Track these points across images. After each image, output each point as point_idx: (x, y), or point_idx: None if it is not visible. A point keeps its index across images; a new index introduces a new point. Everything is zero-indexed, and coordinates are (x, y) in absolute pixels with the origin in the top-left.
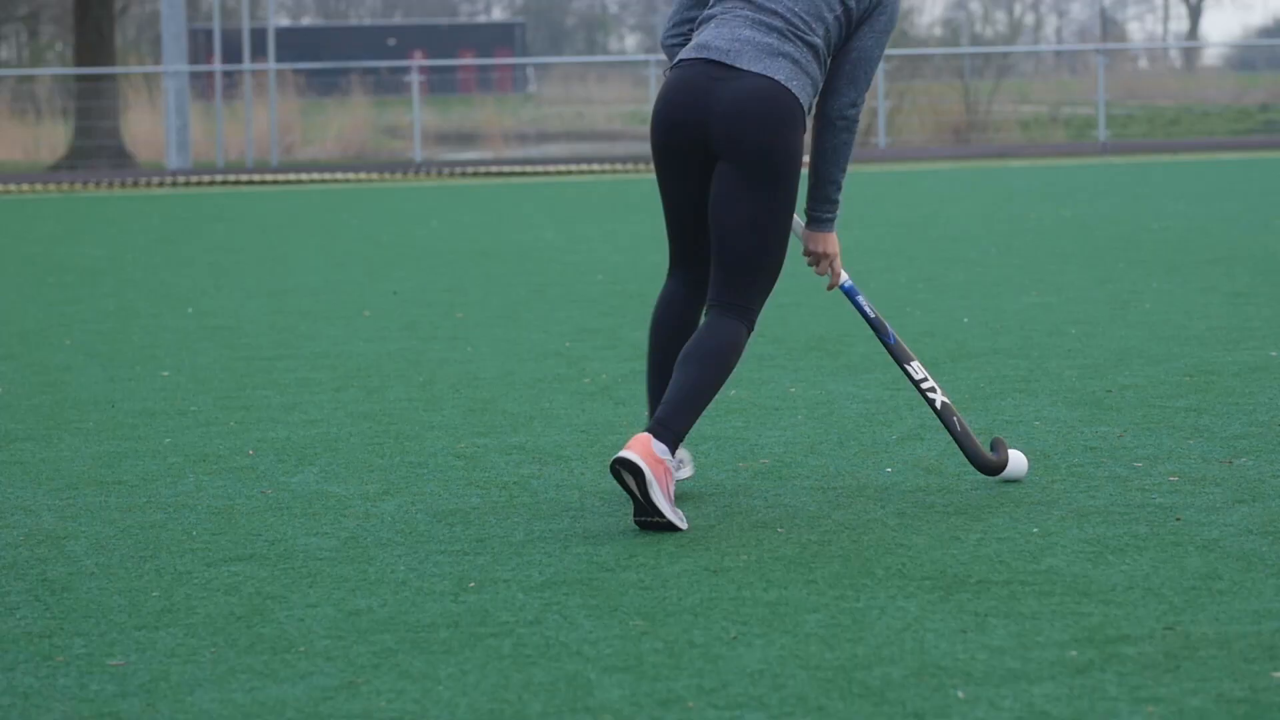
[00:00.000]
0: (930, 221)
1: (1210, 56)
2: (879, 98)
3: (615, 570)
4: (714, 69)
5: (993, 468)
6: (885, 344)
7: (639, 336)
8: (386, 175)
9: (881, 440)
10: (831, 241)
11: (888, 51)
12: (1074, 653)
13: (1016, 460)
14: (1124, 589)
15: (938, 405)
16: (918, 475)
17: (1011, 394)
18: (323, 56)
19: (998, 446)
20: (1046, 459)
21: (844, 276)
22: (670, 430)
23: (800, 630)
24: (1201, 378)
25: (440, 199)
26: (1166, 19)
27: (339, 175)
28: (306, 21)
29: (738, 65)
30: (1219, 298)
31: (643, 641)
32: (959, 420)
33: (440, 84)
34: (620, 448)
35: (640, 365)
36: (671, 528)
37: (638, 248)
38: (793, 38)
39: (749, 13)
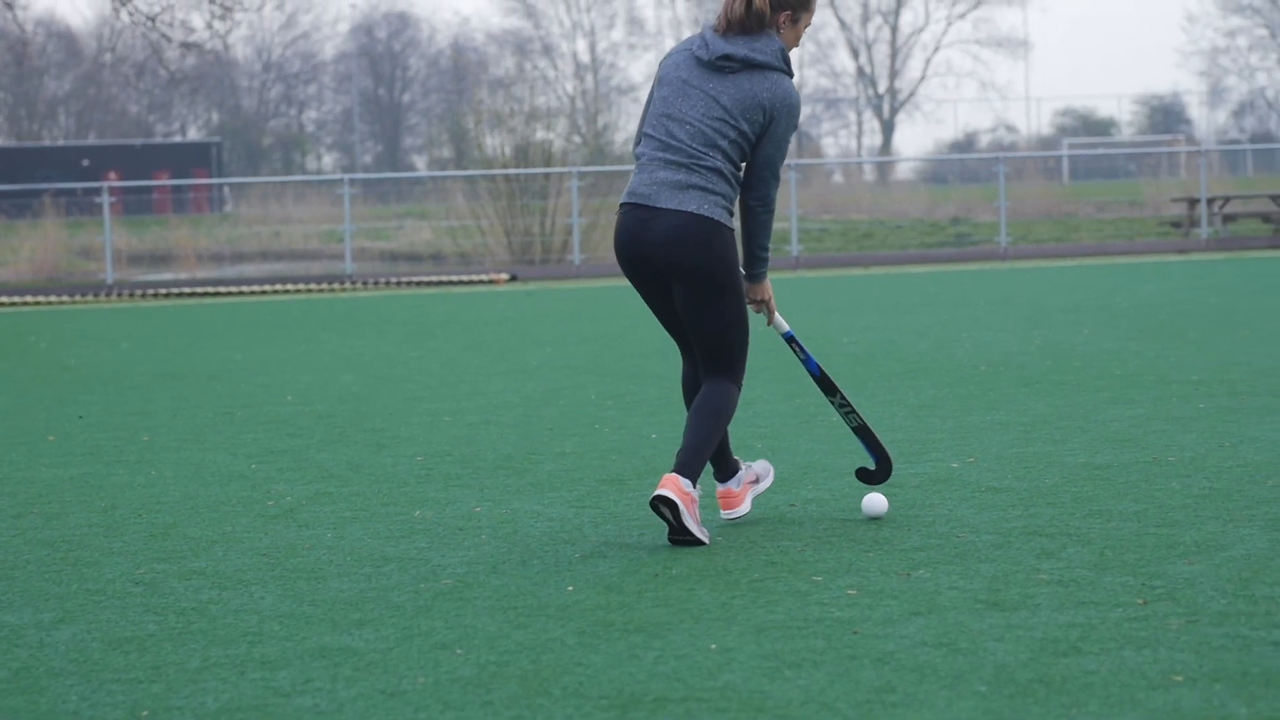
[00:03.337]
0: (623, 337)
1: (903, 170)
2: (574, 215)
3: (291, 695)
4: (641, 212)
5: (879, 474)
6: (812, 376)
7: (325, 457)
8: (78, 297)
9: (564, 558)
10: (766, 289)
11: (583, 169)
12: None
13: (877, 502)
14: (799, 704)
15: (852, 425)
16: (599, 593)
17: None
18: (15, 177)
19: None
20: (727, 574)
21: (784, 325)
22: (690, 469)
23: None
24: (883, 490)
25: (132, 321)
26: (860, 134)
27: (29, 298)
28: None
29: (657, 206)
30: (904, 410)
31: None
32: (869, 435)
33: (135, 205)
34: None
35: (326, 487)
36: (699, 542)
37: (329, 368)
38: (696, 168)
39: (660, 153)
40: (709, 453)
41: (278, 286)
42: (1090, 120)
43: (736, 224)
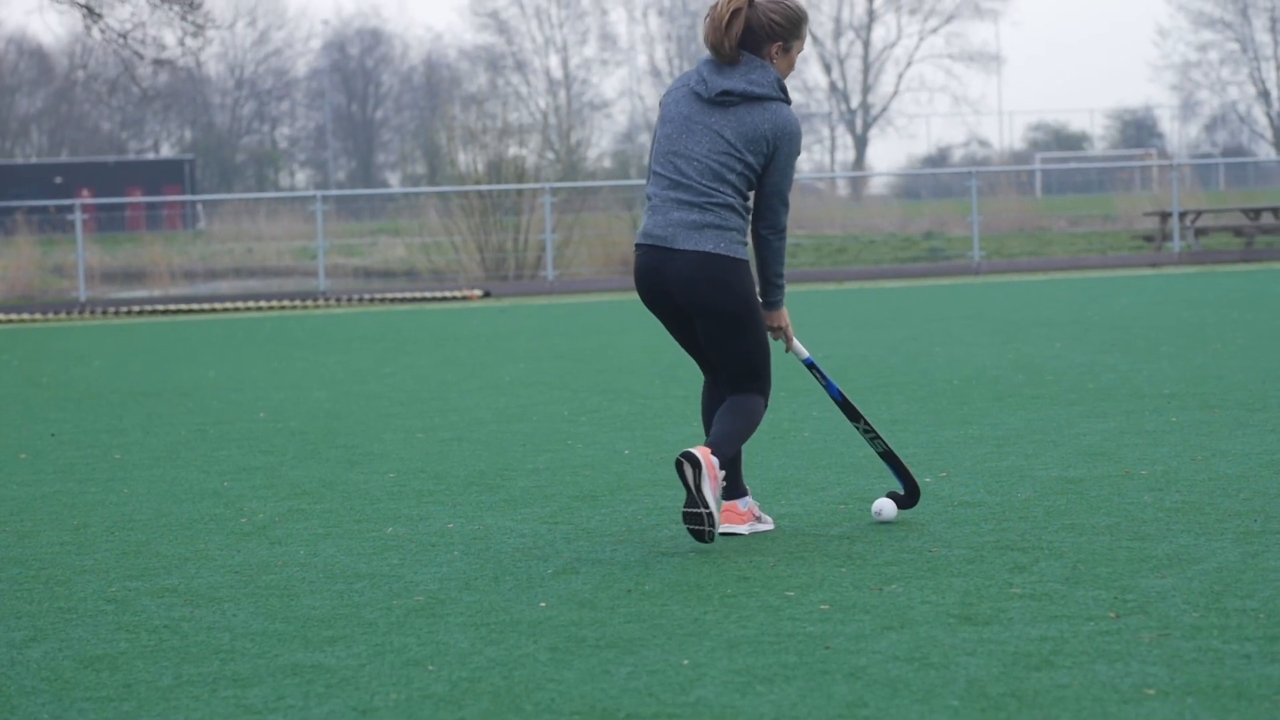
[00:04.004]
0: (597, 354)
1: (876, 185)
2: (547, 231)
3: (263, 713)
4: (658, 253)
5: (908, 499)
6: (835, 402)
7: (298, 474)
8: (50, 315)
9: (537, 574)
10: (783, 316)
11: (556, 185)
12: None
13: (888, 507)
14: (770, 719)
15: (879, 450)
16: (571, 609)
17: (668, 525)
18: None
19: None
20: (700, 590)
21: (804, 351)
22: (719, 450)
23: None
24: (855, 505)
25: (104, 338)
26: (833, 149)
27: (1, 316)
28: None
29: (674, 247)
30: (876, 425)
31: None
32: (896, 461)
33: (108, 222)
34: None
35: (298, 504)
36: (711, 520)
37: (302, 384)
38: (709, 206)
39: (671, 192)
40: (736, 445)
41: (251, 303)
42: (1063, 134)
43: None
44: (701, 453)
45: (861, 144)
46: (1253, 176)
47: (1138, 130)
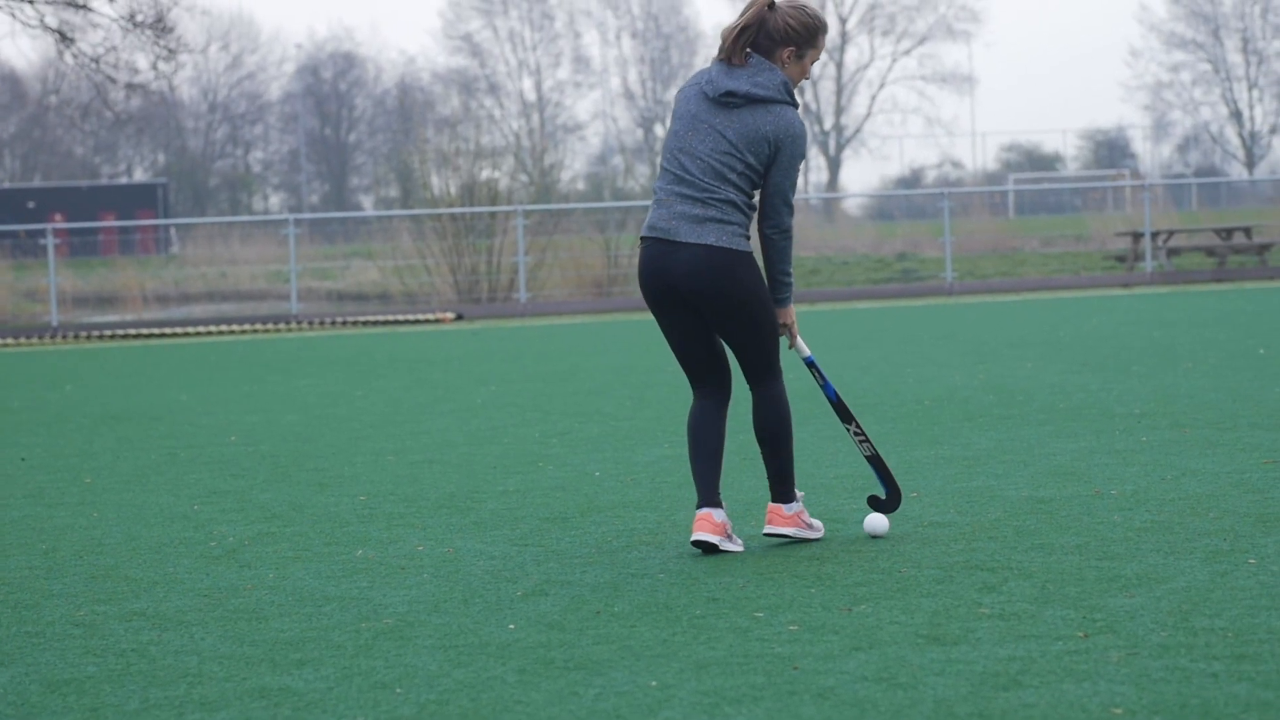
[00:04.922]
0: (568, 375)
1: (849, 207)
2: (520, 253)
3: None
4: (663, 246)
5: (890, 503)
6: (830, 402)
7: (268, 497)
8: (23, 340)
9: (506, 597)
10: (789, 314)
11: (529, 207)
12: None
13: (879, 521)
14: None
15: (866, 454)
16: (540, 631)
17: (639, 546)
18: None
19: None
20: (669, 611)
21: (805, 350)
22: (785, 493)
23: None
24: (826, 525)
25: (77, 363)
26: (807, 170)
27: None
28: None
29: (678, 240)
30: (847, 445)
31: None
32: (881, 465)
33: (81, 246)
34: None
35: (268, 527)
36: (817, 540)
37: (274, 408)
38: (711, 201)
39: (675, 187)
40: (791, 462)
41: (223, 327)
42: (1035, 155)
43: (755, 247)
44: (778, 522)
45: (835, 165)
46: (1225, 197)
47: (1110, 151)
